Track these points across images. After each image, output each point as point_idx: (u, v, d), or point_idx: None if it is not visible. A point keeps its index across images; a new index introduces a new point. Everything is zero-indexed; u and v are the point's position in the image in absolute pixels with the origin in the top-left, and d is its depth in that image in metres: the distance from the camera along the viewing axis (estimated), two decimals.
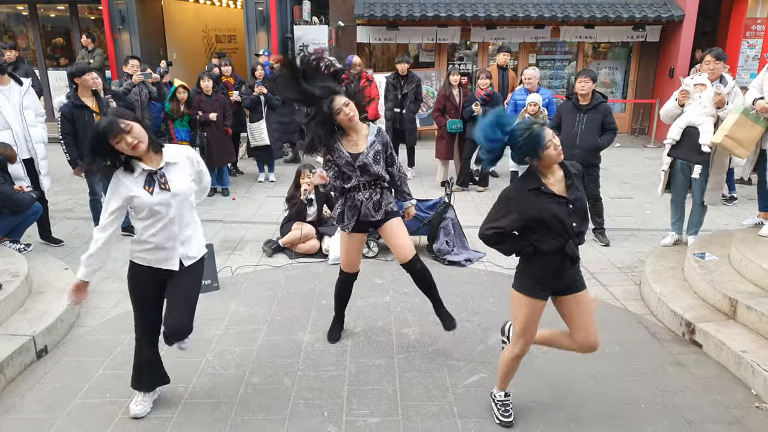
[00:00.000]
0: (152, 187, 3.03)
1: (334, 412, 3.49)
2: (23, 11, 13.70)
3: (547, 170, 2.96)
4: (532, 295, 3.06)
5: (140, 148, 2.98)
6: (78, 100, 5.88)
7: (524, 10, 11.81)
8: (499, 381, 3.40)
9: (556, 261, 2.99)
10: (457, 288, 5.26)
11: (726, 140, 5.14)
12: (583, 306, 3.12)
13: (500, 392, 3.41)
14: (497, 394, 3.42)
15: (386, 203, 3.92)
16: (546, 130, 2.85)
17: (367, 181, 3.83)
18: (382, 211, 3.89)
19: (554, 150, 2.87)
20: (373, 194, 3.86)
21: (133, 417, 3.40)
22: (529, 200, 2.94)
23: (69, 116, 5.83)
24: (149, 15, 13.06)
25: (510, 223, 3.00)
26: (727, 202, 7.86)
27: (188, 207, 3.20)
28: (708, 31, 13.46)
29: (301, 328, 4.52)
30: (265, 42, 12.17)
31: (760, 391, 3.65)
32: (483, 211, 7.52)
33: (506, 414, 3.36)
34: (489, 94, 8.03)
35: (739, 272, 4.75)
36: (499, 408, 3.39)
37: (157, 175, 3.05)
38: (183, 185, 3.13)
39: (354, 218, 3.88)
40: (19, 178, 5.78)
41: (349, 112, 3.65)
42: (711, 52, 5.49)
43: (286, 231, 6.08)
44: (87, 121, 5.90)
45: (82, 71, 5.88)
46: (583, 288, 3.10)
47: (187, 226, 3.22)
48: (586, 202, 3.00)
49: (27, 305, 4.51)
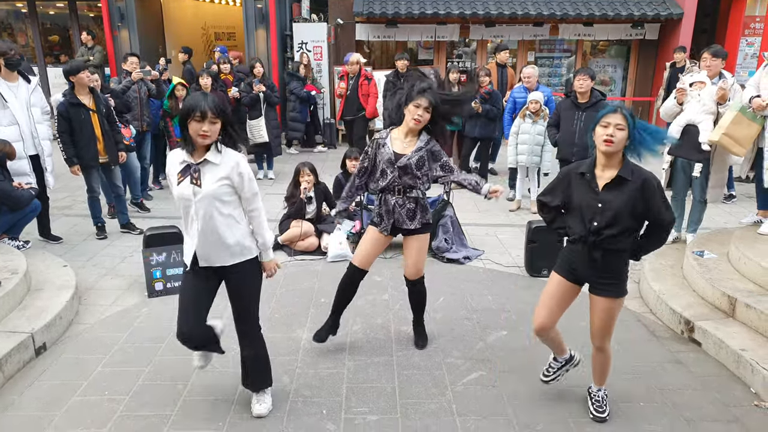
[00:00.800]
0: (184, 177, 3.02)
1: (333, 410, 3.49)
2: (22, 8, 13.68)
3: (604, 164, 3.00)
4: (557, 270, 3.25)
5: (207, 141, 2.99)
6: (74, 98, 5.88)
7: (523, 8, 11.80)
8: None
9: (578, 249, 3.09)
10: (456, 286, 5.26)
11: (723, 138, 5.14)
12: (597, 311, 3.16)
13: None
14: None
15: (422, 214, 3.85)
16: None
17: (402, 185, 3.77)
18: (417, 221, 3.83)
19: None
20: (406, 201, 3.80)
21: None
22: (573, 181, 3.08)
23: (65, 114, 5.83)
24: (148, 12, 13.04)
25: (554, 197, 3.21)
26: (726, 200, 7.86)
27: (220, 213, 3.06)
28: (707, 29, 13.45)
29: (299, 325, 4.52)
30: (264, 39, 12.15)
31: (759, 390, 3.65)
32: (482, 209, 7.53)
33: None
34: (488, 92, 8.03)
35: (738, 270, 4.75)
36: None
37: (191, 170, 3.02)
38: (212, 187, 3.02)
39: (390, 222, 3.85)
40: (24, 173, 5.78)
41: (420, 116, 3.62)
42: (709, 49, 5.49)
43: (285, 228, 6.08)
44: (83, 119, 5.92)
45: (77, 69, 5.87)
46: (604, 293, 3.10)
47: (215, 232, 3.08)
48: (622, 212, 2.93)
49: (26, 302, 4.50)
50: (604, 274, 3.08)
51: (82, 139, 5.93)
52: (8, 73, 5.72)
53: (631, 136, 2.91)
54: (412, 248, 3.93)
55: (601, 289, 3.10)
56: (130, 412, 3.44)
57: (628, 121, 2.89)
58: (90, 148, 5.99)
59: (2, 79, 5.69)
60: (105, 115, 6.13)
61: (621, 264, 3.09)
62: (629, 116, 2.91)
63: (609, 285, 3.09)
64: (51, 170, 6.06)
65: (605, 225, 2.97)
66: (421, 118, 3.62)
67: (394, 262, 5.76)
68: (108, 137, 6.15)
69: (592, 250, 3.02)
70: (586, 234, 3.01)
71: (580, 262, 3.11)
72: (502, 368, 3.94)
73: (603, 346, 3.26)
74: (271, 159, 9.26)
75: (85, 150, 5.98)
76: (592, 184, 3.01)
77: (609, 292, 3.09)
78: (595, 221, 2.98)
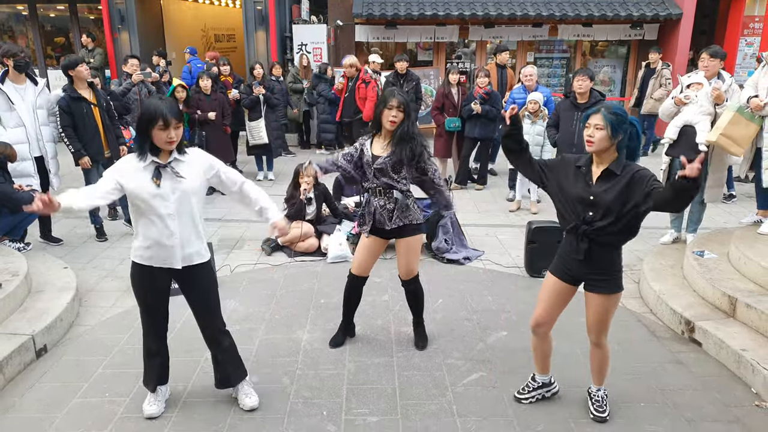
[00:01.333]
0: (160, 179, 3.02)
1: (333, 411, 3.49)
2: (23, 11, 13.70)
3: (597, 161, 3.08)
4: (552, 270, 3.31)
5: (173, 146, 3.03)
6: (75, 92, 5.94)
7: (522, 9, 11.80)
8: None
9: (572, 243, 3.13)
10: (456, 286, 5.26)
11: (721, 138, 5.14)
12: (591, 307, 3.22)
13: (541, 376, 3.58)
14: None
15: (401, 215, 3.85)
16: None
17: (382, 186, 3.83)
18: (394, 222, 3.84)
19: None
20: (387, 202, 3.84)
21: (147, 417, 3.40)
22: (569, 171, 3.16)
23: (67, 109, 5.89)
24: (148, 14, 13.05)
25: (546, 164, 3.28)
26: (726, 200, 7.86)
27: (189, 209, 3.13)
28: (706, 30, 13.46)
29: (299, 326, 4.52)
30: (264, 41, 12.16)
31: (759, 390, 3.65)
32: (482, 210, 7.53)
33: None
34: (488, 93, 8.03)
35: (738, 270, 4.75)
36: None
37: (168, 168, 3.04)
38: (195, 182, 3.11)
39: (370, 223, 3.90)
40: (28, 175, 5.80)
41: (395, 117, 3.69)
42: (707, 49, 5.49)
43: None
44: (85, 113, 6.00)
45: (75, 63, 5.93)
46: (597, 290, 3.15)
47: (186, 227, 3.14)
48: (614, 204, 2.97)
49: (26, 304, 4.50)
50: (596, 270, 3.13)
51: (86, 134, 6.01)
52: (16, 75, 5.75)
53: (614, 134, 2.96)
54: (402, 250, 3.98)
55: (594, 285, 3.16)
56: (130, 414, 3.44)
57: (606, 120, 2.95)
58: (95, 142, 6.07)
59: (10, 81, 5.73)
60: (105, 109, 6.16)
61: (612, 259, 3.14)
62: (609, 115, 2.95)
63: (601, 281, 3.14)
64: (55, 172, 6.10)
65: (597, 217, 3.02)
66: (396, 118, 3.69)
67: (393, 263, 5.73)
68: (109, 131, 6.20)
69: (581, 241, 3.07)
70: (579, 223, 3.07)
71: (572, 259, 3.15)
72: (503, 369, 3.94)
73: (599, 341, 3.30)
74: (271, 160, 9.27)
75: (90, 144, 6.04)
76: (587, 177, 3.09)
77: (602, 289, 3.14)
78: (589, 212, 3.05)
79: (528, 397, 3.57)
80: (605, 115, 2.96)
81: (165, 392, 3.53)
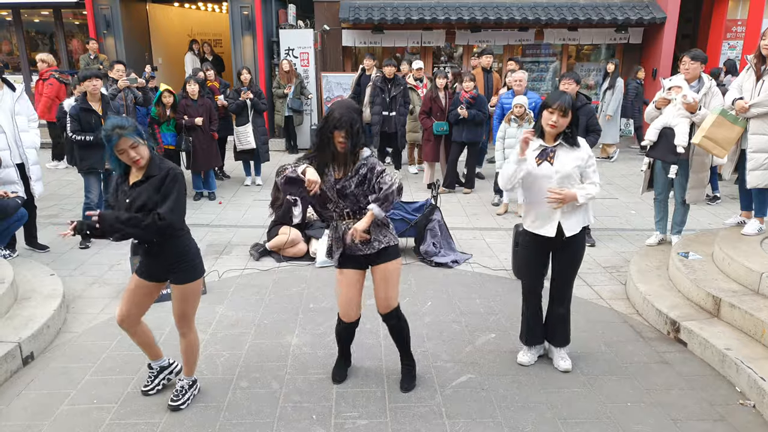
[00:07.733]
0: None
1: (323, 415, 3.49)
2: (7, 16, 13.61)
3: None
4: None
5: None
6: (86, 104, 6.21)
7: (508, 13, 11.87)
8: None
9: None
10: (444, 289, 5.28)
11: (704, 141, 5.17)
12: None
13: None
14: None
15: (376, 239, 3.51)
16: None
17: (347, 209, 3.51)
18: (371, 246, 3.50)
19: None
20: (356, 223, 3.45)
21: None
22: None
23: (76, 117, 6.19)
24: (134, 20, 13.01)
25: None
26: (710, 201, 7.96)
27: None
28: (689, 33, 13.60)
29: (288, 331, 4.52)
30: (251, 46, 12.15)
31: (744, 388, 3.70)
32: (469, 213, 7.56)
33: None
34: (473, 97, 8.09)
35: (722, 271, 4.82)
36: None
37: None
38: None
39: (339, 250, 3.56)
40: (12, 182, 5.75)
41: (343, 141, 3.32)
42: (688, 53, 5.54)
43: (273, 235, 6.07)
44: (93, 124, 6.20)
45: (83, 78, 6.29)
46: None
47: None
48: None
49: (13, 311, 4.47)
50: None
51: (90, 143, 6.19)
52: None
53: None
54: (378, 277, 3.59)
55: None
56: (119, 420, 3.43)
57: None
58: (97, 152, 6.16)
59: None
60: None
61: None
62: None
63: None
64: (37, 179, 6.04)
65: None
66: (345, 141, 3.33)
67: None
68: None
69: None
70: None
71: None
72: (491, 371, 3.96)
73: (184, 330, 3.51)
74: (259, 165, 9.25)
75: (92, 153, 6.19)
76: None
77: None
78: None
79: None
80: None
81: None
